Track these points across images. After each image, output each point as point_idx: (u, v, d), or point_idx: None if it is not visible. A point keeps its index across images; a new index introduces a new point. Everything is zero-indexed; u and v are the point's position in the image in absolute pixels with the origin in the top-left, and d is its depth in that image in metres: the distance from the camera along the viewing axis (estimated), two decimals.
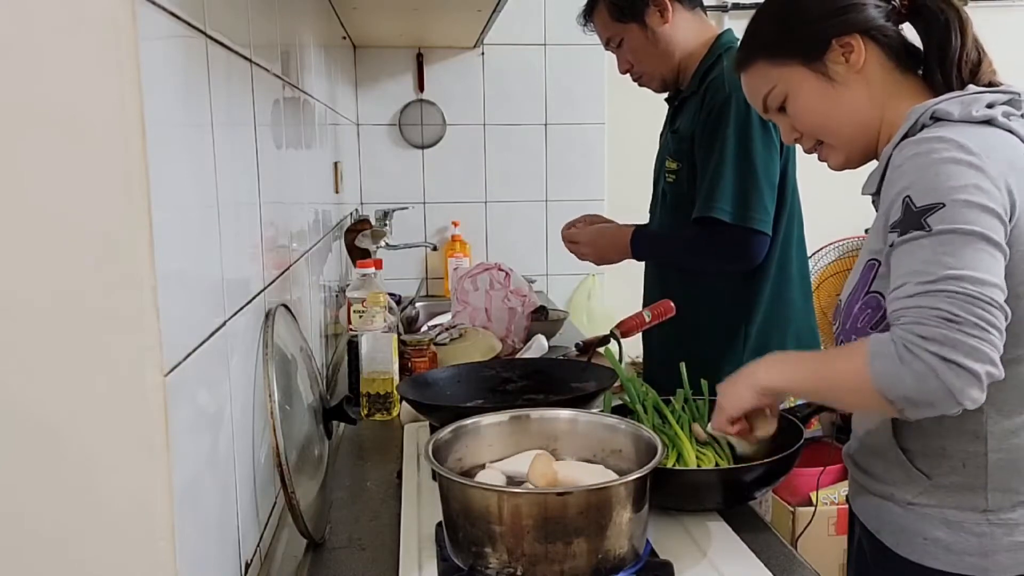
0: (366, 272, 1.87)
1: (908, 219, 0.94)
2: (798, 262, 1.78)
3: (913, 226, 0.93)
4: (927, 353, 0.86)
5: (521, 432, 1.11)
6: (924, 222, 0.92)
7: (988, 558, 1.00)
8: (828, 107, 1.09)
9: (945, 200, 0.92)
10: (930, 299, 0.88)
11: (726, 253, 1.66)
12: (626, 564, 0.92)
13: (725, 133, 1.61)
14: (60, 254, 0.62)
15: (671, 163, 1.76)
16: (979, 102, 1.00)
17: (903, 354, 0.88)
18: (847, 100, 1.08)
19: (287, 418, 1.03)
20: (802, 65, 1.08)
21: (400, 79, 2.97)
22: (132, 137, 0.63)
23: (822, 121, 1.11)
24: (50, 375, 0.63)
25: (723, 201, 1.60)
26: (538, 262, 3.05)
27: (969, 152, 0.93)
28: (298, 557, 1.09)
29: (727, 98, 1.61)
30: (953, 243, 0.90)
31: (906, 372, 0.87)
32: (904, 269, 0.93)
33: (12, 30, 0.60)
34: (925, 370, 0.87)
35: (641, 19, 1.71)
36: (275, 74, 1.27)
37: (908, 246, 0.93)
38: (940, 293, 0.88)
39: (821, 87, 1.08)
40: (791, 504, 2.72)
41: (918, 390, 0.88)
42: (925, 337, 0.87)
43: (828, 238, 2.49)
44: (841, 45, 1.06)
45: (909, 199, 0.95)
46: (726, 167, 1.60)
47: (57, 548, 0.66)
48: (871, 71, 1.06)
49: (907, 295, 0.91)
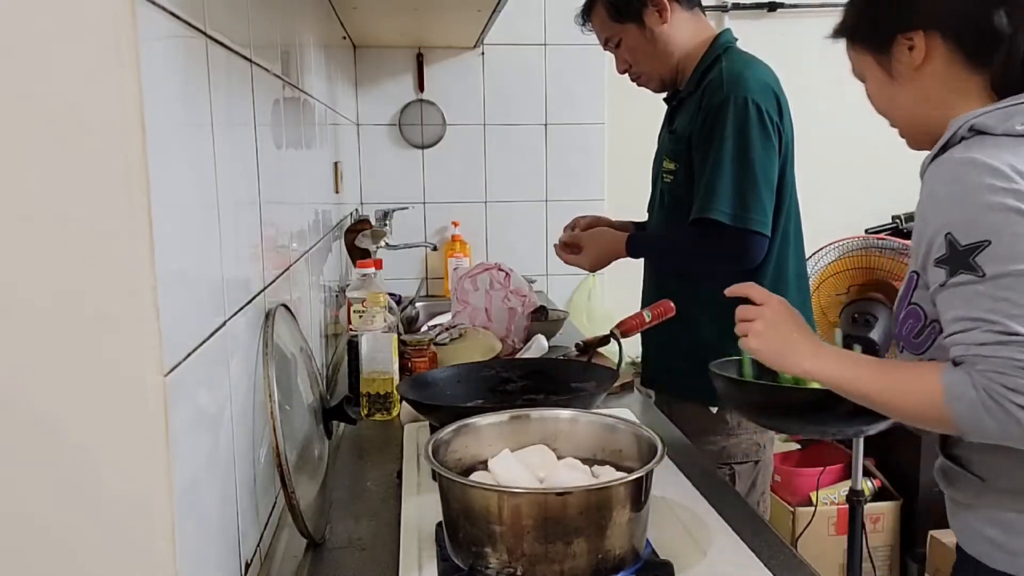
0: (366, 272, 1.87)
1: (955, 259, 0.95)
2: (795, 262, 1.78)
3: (963, 267, 0.94)
4: (1013, 405, 0.89)
5: (521, 432, 1.11)
6: (974, 263, 0.93)
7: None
8: (887, 101, 1.11)
9: (991, 237, 0.92)
10: (1007, 350, 0.90)
11: (724, 254, 1.65)
12: (626, 564, 0.92)
13: (723, 134, 1.60)
14: (60, 254, 0.62)
15: (668, 163, 1.75)
16: (1022, 113, 0.97)
17: (987, 403, 0.91)
18: (903, 97, 1.08)
19: (287, 418, 1.03)
20: (871, 54, 1.09)
21: (400, 79, 2.97)
22: (132, 137, 0.63)
23: (884, 111, 1.12)
24: (50, 375, 0.63)
25: (721, 202, 1.59)
26: (538, 262, 3.05)
27: (1004, 178, 0.92)
28: (298, 557, 1.09)
29: (725, 99, 1.61)
30: (1012, 287, 0.91)
31: (990, 420, 0.91)
32: (965, 313, 0.94)
33: (12, 30, 0.60)
34: (1008, 419, 0.90)
35: (640, 19, 1.71)
36: (275, 74, 1.27)
37: (963, 290, 0.94)
38: (1013, 344, 0.90)
39: (883, 80, 1.09)
40: (791, 504, 2.72)
41: (1000, 434, 0.92)
42: (1011, 388, 0.90)
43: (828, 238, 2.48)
44: (906, 39, 1.04)
45: (952, 236, 0.95)
46: (724, 168, 1.60)
47: (57, 548, 0.66)
48: (934, 69, 1.04)
49: (978, 343, 0.92)
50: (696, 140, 1.67)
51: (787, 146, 1.70)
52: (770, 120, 1.62)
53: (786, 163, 1.70)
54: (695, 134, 1.67)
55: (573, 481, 0.99)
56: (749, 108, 1.60)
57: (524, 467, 1.02)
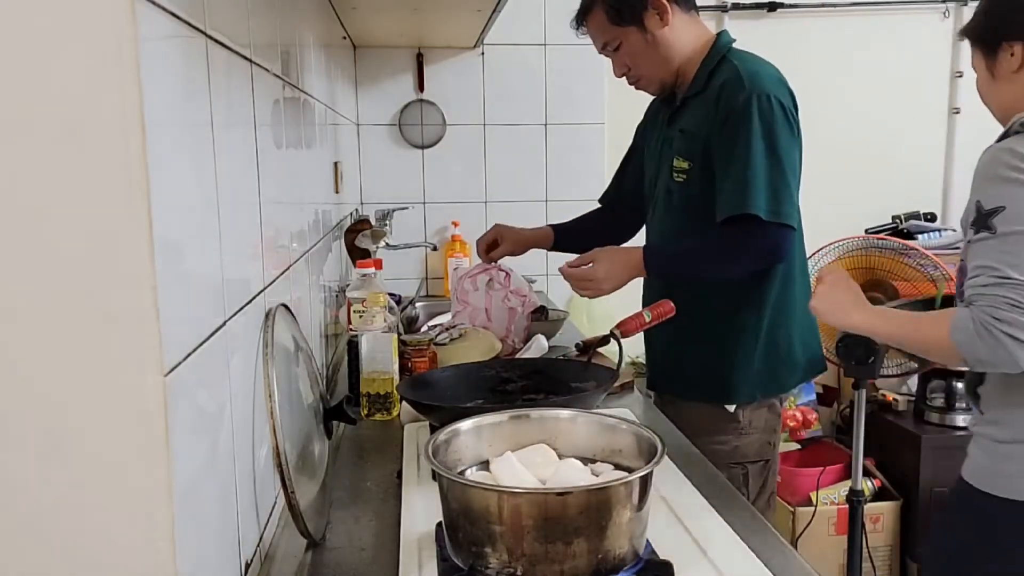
0: (366, 272, 1.87)
1: (979, 220, 1.21)
2: (800, 258, 1.79)
3: (983, 227, 1.20)
4: (1001, 334, 1.13)
5: (521, 432, 1.11)
6: (991, 223, 1.19)
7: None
8: (989, 95, 1.34)
9: (1006, 203, 1.18)
10: (1002, 290, 1.15)
11: (760, 249, 1.64)
12: (626, 564, 0.92)
13: (750, 131, 1.60)
14: (60, 254, 0.62)
15: (681, 162, 1.74)
16: None
17: (981, 332, 1.15)
18: (1001, 94, 1.31)
19: (287, 418, 1.03)
20: (982, 55, 1.32)
21: (400, 79, 2.97)
22: (132, 137, 0.63)
23: (986, 102, 1.36)
24: (50, 375, 0.63)
25: (758, 198, 1.59)
26: (538, 262, 3.04)
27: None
28: (298, 557, 1.09)
29: (748, 96, 1.61)
30: (1016, 243, 1.16)
31: (983, 346, 1.15)
32: (977, 262, 1.20)
33: (12, 30, 0.60)
34: (996, 345, 1.14)
35: (640, 22, 1.70)
36: (275, 74, 1.27)
37: (980, 245, 1.20)
38: (1007, 285, 1.15)
39: (987, 77, 1.33)
40: (791, 504, 2.72)
41: (991, 358, 1.16)
42: (999, 319, 1.14)
43: (828, 238, 2.49)
44: (1009, 46, 1.27)
45: (980, 203, 1.21)
46: (756, 164, 1.59)
47: (57, 548, 0.66)
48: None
49: (982, 284, 1.18)
50: (718, 139, 1.65)
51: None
52: (792, 116, 1.64)
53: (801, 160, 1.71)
54: (716, 133, 1.65)
55: (573, 481, 0.99)
56: (773, 104, 1.60)
57: (525, 467, 1.02)
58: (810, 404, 2.94)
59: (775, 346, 1.74)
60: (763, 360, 1.73)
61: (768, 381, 1.76)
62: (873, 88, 3.15)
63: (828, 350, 2.21)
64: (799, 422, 2.88)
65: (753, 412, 1.76)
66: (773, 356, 1.74)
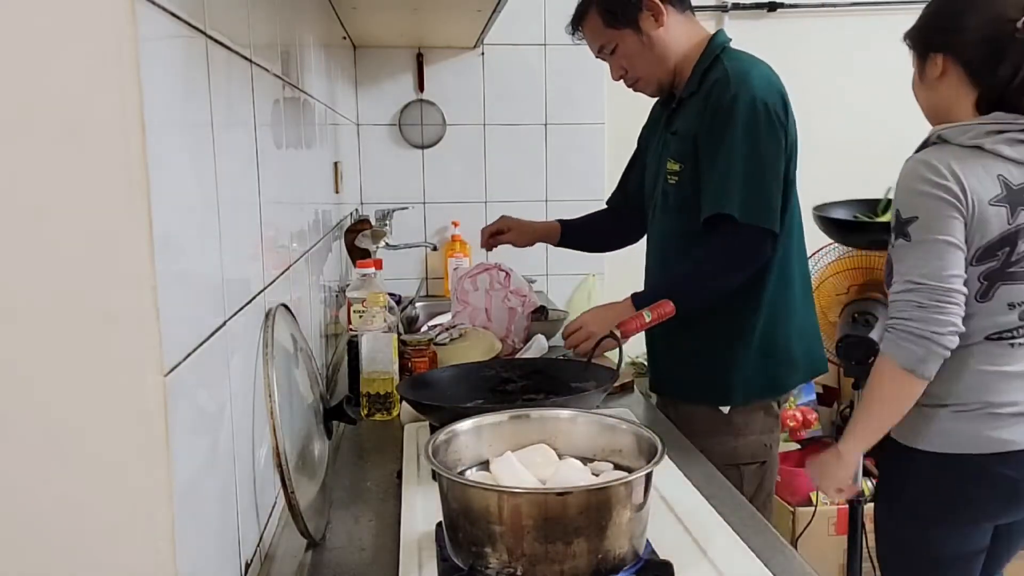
0: (366, 272, 1.87)
1: (898, 227, 1.38)
2: (799, 261, 1.78)
3: (900, 234, 1.37)
4: (915, 331, 1.33)
5: (521, 432, 1.11)
6: (906, 231, 1.36)
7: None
8: (917, 97, 1.52)
9: (919, 214, 1.35)
10: (910, 295, 1.35)
11: (735, 251, 1.64)
12: (626, 564, 0.92)
13: (733, 132, 1.60)
14: (60, 254, 0.62)
15: (672, 164, 1.74)
16: (976, 131, 1.36)
17: (903, 340, 1.34)
18: (924, 97, 1.49)
19: (287, 418, 1.03)
20: (917, 58, 1.49)
21: (400, 79, 2.97)
22: (132, 137, 0.63)
23: (917, 101, 1.52)
24: (50, 375, 0.63)
25: (733, 199, 1.59)
26: (538, 262, 3.05)
27: (940, 175, 1.34)
28: (298, 557, 1.09)
29: (734, 97, 1.60)
30: (927, 250, 1.34)
31: (914, 348, 1.33)
32: (897, 267, 1.38)
33: (12, 30, 0.60)
34: (919, 340, 1.33)
35: (635, 24, 1.70)
36: (275, 74, 1.27)
37: (898, 250, 1.38)
38: (915, 289, 1.34)
39: (918, 79, 1.50)
40: (791, 504, 2.72)
41: (926, 355, 1.33)
42: (908, 319, 1.34)
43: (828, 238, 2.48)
44: (935, 55, 1.43)
45: (899, 211, 1.38)
46: (735, 166, 1.59)
47: (57, 548, 0.66)
48: (948, 83, 1.43)
49: (896, 291, 1.37)
50: (704, 139, 1.66)
51: (792, 146, 1.70)
52: (777, 119, 1.62)
53: (790, 163, 1.69)
54: (703, 133, 1.66)
55: (573, 481, 0.99)
56: (758, 106, 1.60)
57: (525, 467, 1.02)
58: (810, 404, 2.94)
59: (772, 349, 1.73)
60: (759, 362, 1.72)
61: (765, 384, 1.75)
62: (873, 88, 3.15)
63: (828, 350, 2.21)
64: (799, 422, 2.88)
65: (749, 414, 1.75)
66: (770, 359, 1.73)
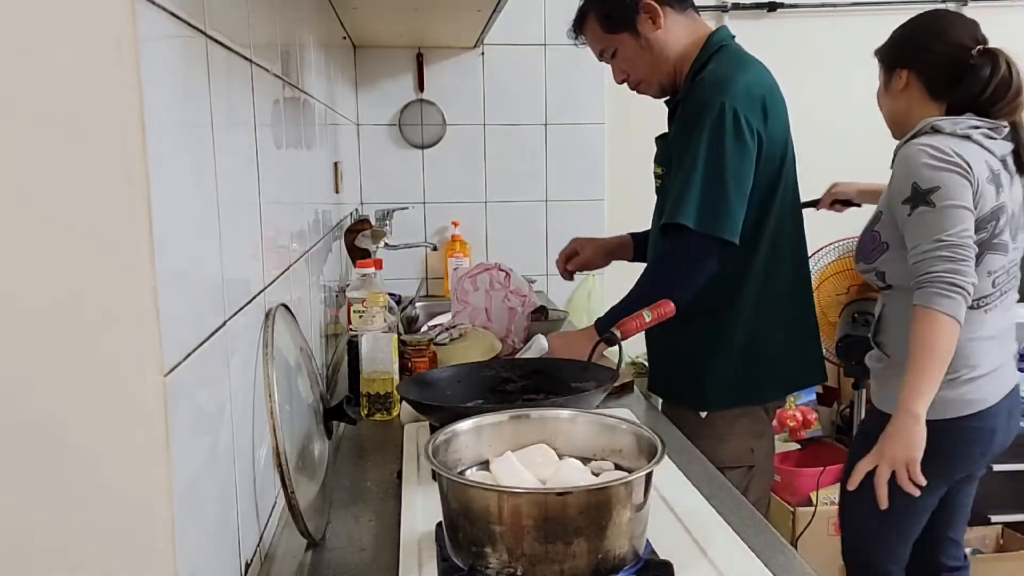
0: (366, 272, 1.87)
1: (917, 197, 1.57)
2: (792, 265, 1.74)
3: (923, 202, 1.56)
4: (945, 284, 1.50)
5: (521, 432, 1.11)
6: (929, 200, 1.56)
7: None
8: (881, 104, 1.81)
9: (940, 184, 1.56)
10: (938, 251, 1.53)
11: (685, 259, 1.62)
12: (626, 564, 0.92)
13: (698, 139, 1.57)
14: (60, 254, 0.62)
15: (657, 168, 1.75)
16: (964, 124, 1.62)
17: (941, 291, 1.51)
18: (888, 105, 1.80)
19: (287, 418, 1.03)
20: (883, 71, 1.78)
21: (400, 79, 2.97)
22: (132, 137, 0.63)
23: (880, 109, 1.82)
24: (50, 375, 0.63)
25: (689, 208, 1.56)
26: (538, 262, 3.05)
27: (947, 155, 1.57)
28: (298, 557, 1.09)
29: (703, 104, 1.58)
30: (950, 215, 1.54)
31: (948, 299, 1.50)
32: (921, 232, 1.56)
33: (12, 30, 0.60)
34: (951, 289, 1.50)
35: (633, 27, 1.69)
36: (275, 74, 1.27)
37: (920, 216, 1.57)
38: (942, 244, 1.53)
39: (882, 90, 1.80)
40: (791, 504, 2.72)
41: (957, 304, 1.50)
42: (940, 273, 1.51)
43: (828, 238, 2.48)
44: (901, 71, 1.72)
45: (916, 184, 1.57)
46: (695, 174, 1.57)
47: (57, 548, 0.66)
48: (909, 95, 1.73)
49: (923, 250, 1.55)
50: (674, 144, 1.64)
51: (787, 144, 1.69)
52: (748, 127, 1.57)
53: (785, 160, 1.68)
54: (675, 139, 1.65)
55: (573, 481, 0.99)
56: (726, 113, 1.56)
57: (525, 467, 1.02)
58: (810, 404, 2.95)
59: (756, 356, 1.70)
60: (741, 369, 1.69)
61: (746, 390, 1.72)
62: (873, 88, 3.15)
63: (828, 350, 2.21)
64: (799, 422, 2.88)
65: (733, 419, 1.72)
66: (753, 366, 1.70)
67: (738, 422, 1.73)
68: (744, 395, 1.73)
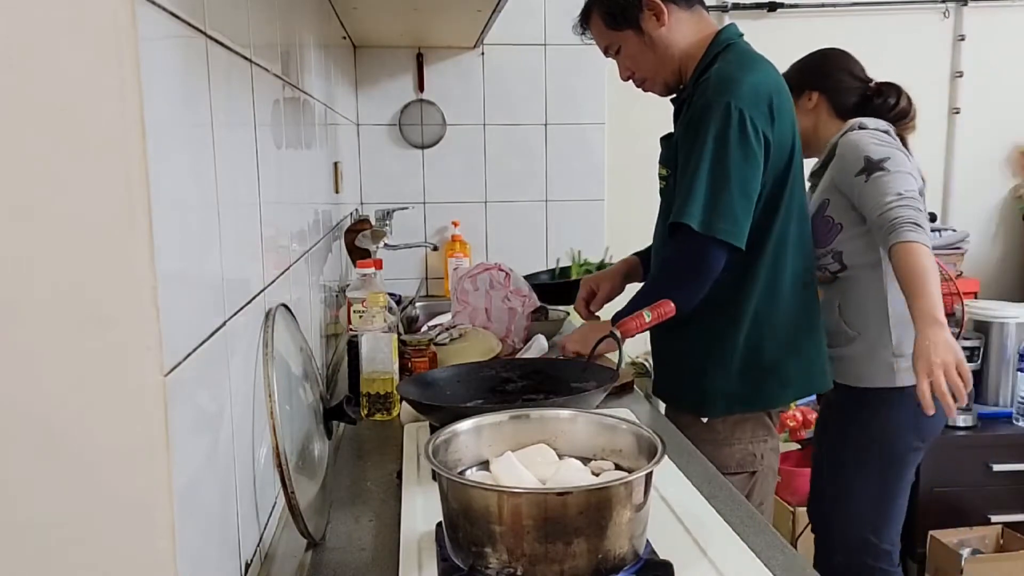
0: (366, 272, 1.87)
1: (871, 165, 1.81)
2: (794, 271, 1.71)
3: (877, 168, 1.80)
4: (914, 226, 1.69)
5: (521, 432, 1.11)
6: (883, 166, 1.80)
7: None
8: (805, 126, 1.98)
9: (889, 155, 1.82)
10: (903, 201, 1.73)
11: (689, 261, 1.61)
12: (626, 564, 0.92)
13: (704, 140, 1.56)
14: (60, 254, 0.62)
15: (661, 169, 1.74)
16: (882, 125, 1.95)
17: (913, 228, 1.68)
18: (800, 122, 1.81)
19: (287, 418, 1.03)
20: (794, 89, 1.83)
21: (400, 79, 2.97)
22: (132, 137, 0.63)
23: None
24: (50, 375, 0.63)
25: (693, 208, 1.55)
26: (538, 262, 3.05)
27: (887, 136, 1.90)
28: (298, 557, 1.09)
29: (708, 104, 1.57)
30: (902, 177, 1.78)
31: (922, 234, 1.68)
32: (880, 191, 1.77)
33: (12, 30, 0.60)
34: (919, 229, 1.69)
35: (637, 25, 1.68)
36: (275, 74, 1.27)
37: (877, 181, 1.79)
38: (904, 198, 1.74)
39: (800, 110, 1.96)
40: (791, 504, 2.72)
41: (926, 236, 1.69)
42: (906, 218, 1.70)
43: None
44: (810, 92, 2.04)
45: (868, 157, 1.83)
46: (700, 175, 1.55)
47: (57, 548, 0.66)
48: (816, 112, 2.05)
49: (886, 204, 1.74)
50: (680, 145, 1.63)
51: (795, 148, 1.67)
52: (754, 128, 1.56)
53: (792, 164, 1.65)
54: (680, 139, 1.64)
55: (573, 481, 0.99)
56: (732, 114, 1.55)
57: (525, 467, 1.02)
58: (810, 404, 2.94)
59: (757, 362, 1.68)
60: (743, 374, 1.67)
61: (749, 396, 1.69)
62: None
63: None
64: (799, 422, 2.88)
65: (735, 424, 1.71)
66: (755, 370, 1.68)
67: (741, 427, 1.71)
68: (747, 401, 1.70)
